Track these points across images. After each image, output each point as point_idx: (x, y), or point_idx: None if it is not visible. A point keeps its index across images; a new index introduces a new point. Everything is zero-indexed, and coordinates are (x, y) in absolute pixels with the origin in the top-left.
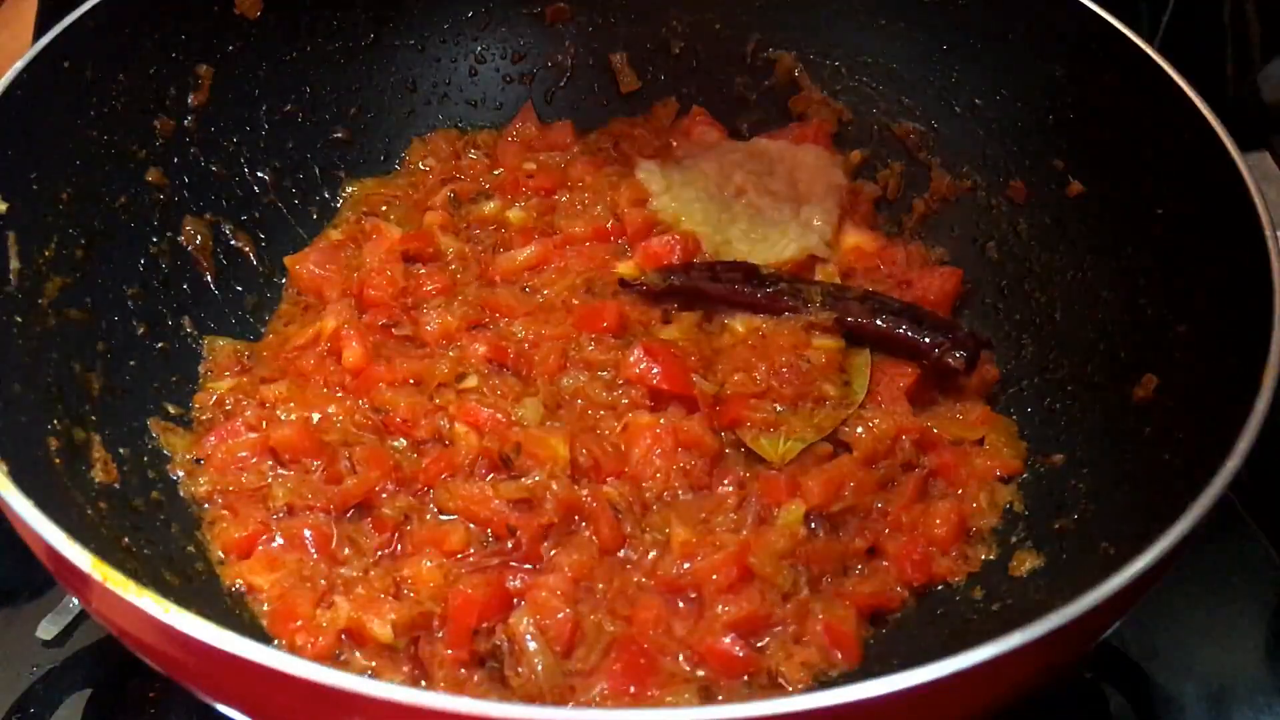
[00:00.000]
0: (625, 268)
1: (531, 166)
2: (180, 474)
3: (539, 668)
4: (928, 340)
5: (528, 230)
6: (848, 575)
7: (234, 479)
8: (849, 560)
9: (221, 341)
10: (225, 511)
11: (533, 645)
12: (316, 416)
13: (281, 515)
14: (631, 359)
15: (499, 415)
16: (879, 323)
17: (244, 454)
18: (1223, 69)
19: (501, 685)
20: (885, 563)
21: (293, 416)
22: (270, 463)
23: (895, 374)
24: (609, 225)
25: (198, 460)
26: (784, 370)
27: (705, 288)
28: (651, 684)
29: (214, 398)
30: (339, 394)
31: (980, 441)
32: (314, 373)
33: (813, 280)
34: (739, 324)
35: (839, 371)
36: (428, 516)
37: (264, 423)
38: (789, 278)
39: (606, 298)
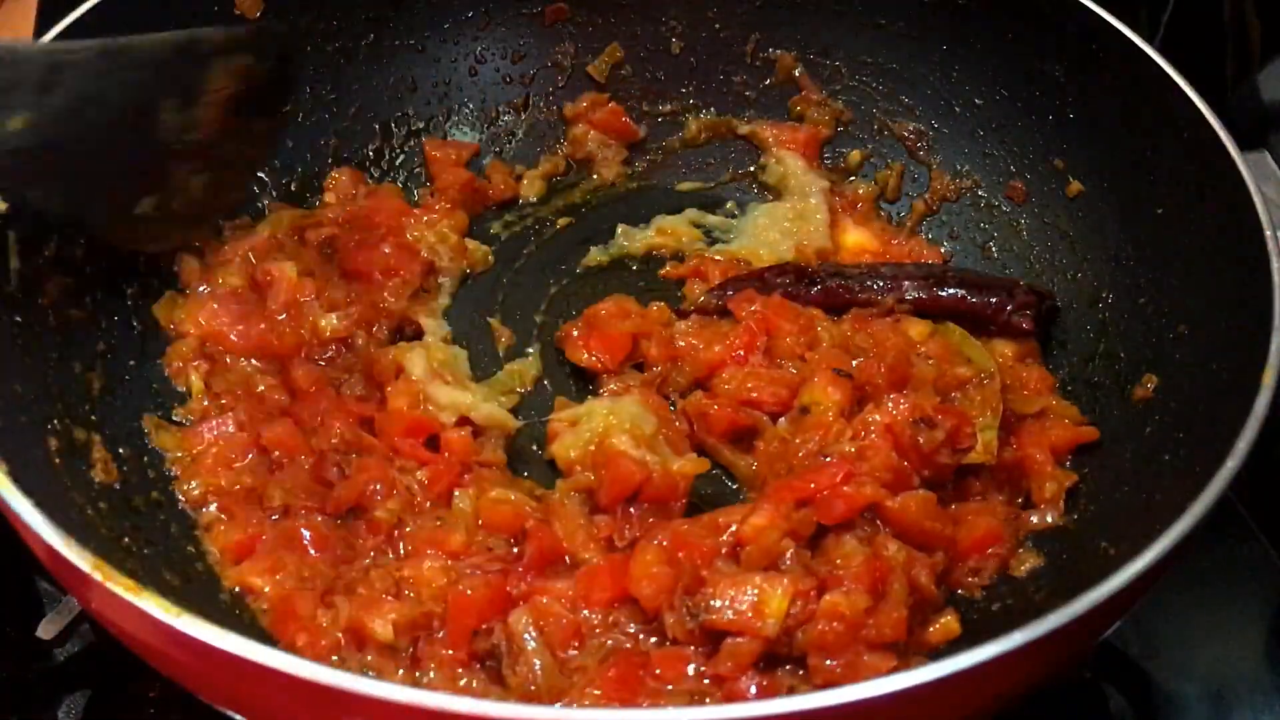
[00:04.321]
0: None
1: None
2: (176, 472)
3: (537, 667)
4: (993, 304)
5: None
6: None
7: (228, 478)
8: None
9: None
10: (222, 514)
11: (531, 645)
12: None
13: (278, 517)
14: None
15: None
16: (941, 294)
17: (234, 453)
18: (1223, 69)
19: (499, 684)
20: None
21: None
22: (250, 457)
23: None
24: None
25: (192, 458)
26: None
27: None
28: (643, 693)
29: (205, 401)
30: None
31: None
32: None
33: (854, 265)
34: (825, 333)
35: (955, 353)
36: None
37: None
38: (833, 268)
39: None
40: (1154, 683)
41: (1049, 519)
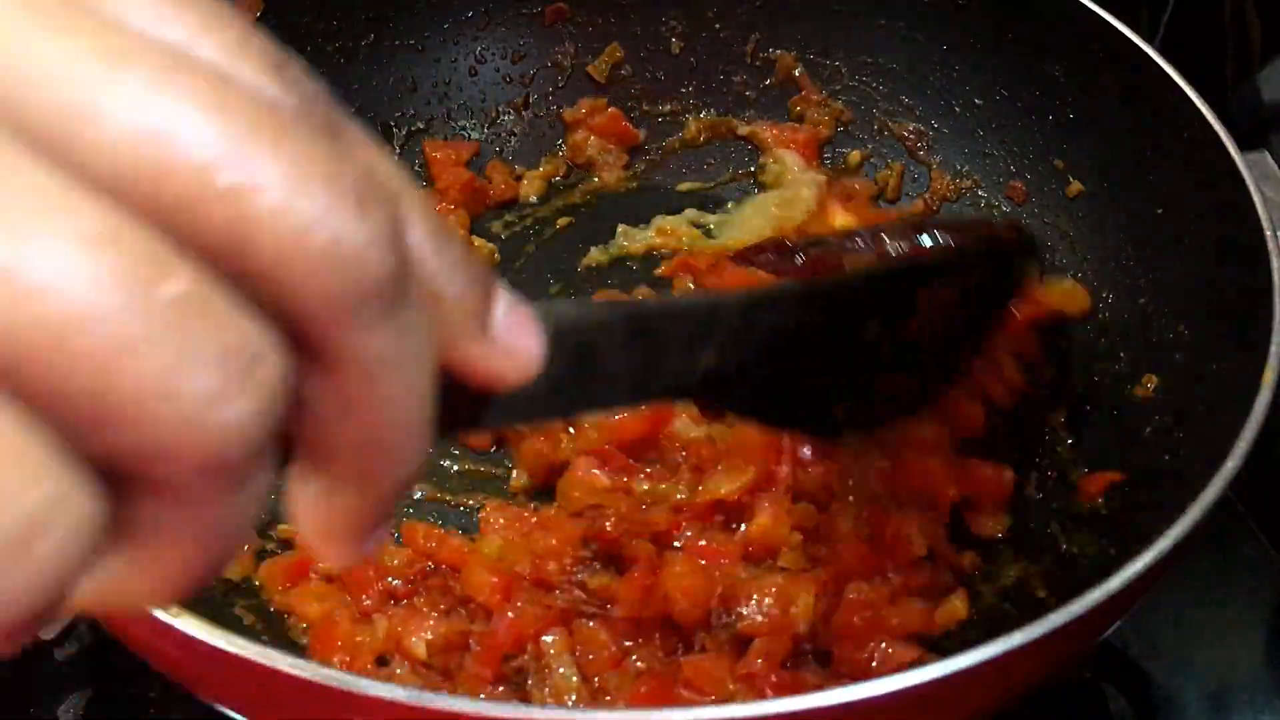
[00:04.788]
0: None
1: None
2: None
3: (566, 688)
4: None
5: None
6: None
7: None
8: None
9: None
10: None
11: (562, 670)
12: None
13: None
14: None
15: None
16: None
17: None
18: (1223, 69)
19: (524, 701)
20: None
21: None
22: None
23: None
24: None
25: None
26: None
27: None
28: (677, 704)
29: None
30: None
31: None
32: None
33: (832, 233)
34: None
35: None
36: None
37: None
38: (812, 239)
39: None
40: (1154, 683)
41: None
